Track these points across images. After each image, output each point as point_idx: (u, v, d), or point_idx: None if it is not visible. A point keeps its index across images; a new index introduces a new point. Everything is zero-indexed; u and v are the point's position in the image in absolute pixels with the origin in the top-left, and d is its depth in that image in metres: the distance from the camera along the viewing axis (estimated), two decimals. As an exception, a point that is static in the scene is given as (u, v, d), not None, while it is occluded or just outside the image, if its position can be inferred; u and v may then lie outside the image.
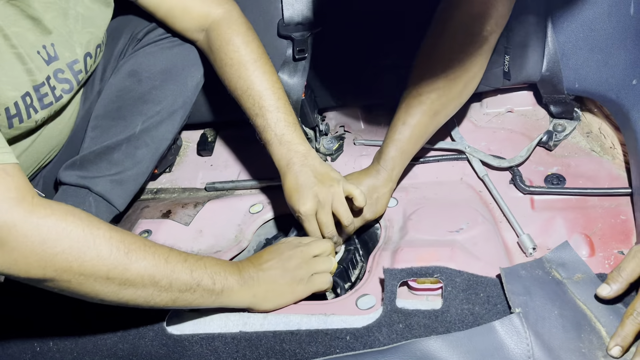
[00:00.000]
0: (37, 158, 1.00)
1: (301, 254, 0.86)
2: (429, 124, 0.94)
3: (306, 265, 0.85)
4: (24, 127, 0.87)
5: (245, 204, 1.12)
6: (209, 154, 1.31)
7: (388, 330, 0.75)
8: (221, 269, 0.79)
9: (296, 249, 0.87)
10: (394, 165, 0.95)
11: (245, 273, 0.81)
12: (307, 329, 0.79)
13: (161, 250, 0.74)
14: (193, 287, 0.75)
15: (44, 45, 0.86)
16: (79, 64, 0.92)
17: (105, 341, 0.85)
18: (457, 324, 0.74)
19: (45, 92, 0.87)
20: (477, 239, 0.89)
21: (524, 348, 0.67)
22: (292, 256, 0.86)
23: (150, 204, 1.20)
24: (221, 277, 0.78)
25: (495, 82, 1.09)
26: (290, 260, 0.85)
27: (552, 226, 0.94)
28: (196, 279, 0.75)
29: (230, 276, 0.79)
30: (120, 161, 1.02)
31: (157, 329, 0.84)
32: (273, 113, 0.94)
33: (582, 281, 0.77)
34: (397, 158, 0.95)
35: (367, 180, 0.96)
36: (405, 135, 0.93)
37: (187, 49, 1.05)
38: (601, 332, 0.70)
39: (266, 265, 0.84)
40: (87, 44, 0.93)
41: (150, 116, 1.04)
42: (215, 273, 0.77)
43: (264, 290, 0.82)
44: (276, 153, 0.94)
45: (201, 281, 0.76)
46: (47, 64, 0.87)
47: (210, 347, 0.80)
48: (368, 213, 0.95)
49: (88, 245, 0.68)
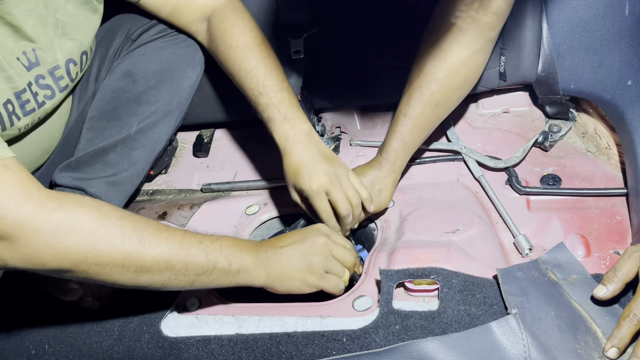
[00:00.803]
0: (27, 162, 0.99)
1: (325, 246, 0.84)
2: (430, 116, 0.94)
3: (325, 259, 0.84)
4: (7, 135, 0.86)
5: (242, 205, 1.12)
6: (205, 155, 1.31)
7: (384, 332, 0.75)
8: (237, 249, 0.78)
9: (320, 239, 0.84)
10: (397, 157, 0.96)
11: (262, 253, 0.80)
12: (303, 331, 0.79)
13: (175, 234, 0.73)
14: (210, 270, 0.75)
15: (24, 51, 0.85)
16: (60, 70, 0.91)
17: (100, 344, 0.84)
18: (454, 325, 0.74)
19: (27, 98, 0.86)
20: (473, 239, 0.89)
21: (520, 349, 0.67)
22: (314, 244, 0.84)
23: (146, 206, 1.20)
24: (237, 257, 0.77)
25: (491, 82, 1.09)
26: (311, 248, 0.83)
27: (548, 227, 0.94)
28: (212, 261, 0.75)
29: (247, 256, 0.78)
30: (116, 162, 1.02)
31: (153, 331, 0.84)
32: (277, 92, 0.94)
33: (577, 282, 0.77)
34: (400, 150, 0.95)
35: (369, 172, 0.96)
36: (407, 127, 0.94)
37: (182, 48, 1.05)
38: (597, 333, 0.70)
39: (285, 248, 0.82)
40: (69, 51, 0.92)
41: (146, 117, 1.03)
42: (231, 254, 0.77)
43: (278, 271, 0.81)
44: (279, 130, 0.92)
45: (217, 263, 0.75)
46: (28, 70, 0.85)
47: (206, 350, 0.80)
48: (371, 205, 0.95)
49: (100, 235, 0.67)
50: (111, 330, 0.85)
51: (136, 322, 0.85)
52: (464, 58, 0.90)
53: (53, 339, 0.87)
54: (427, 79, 0.91)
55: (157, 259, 0.71)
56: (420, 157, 1.11)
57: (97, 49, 1.07)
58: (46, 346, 0.87)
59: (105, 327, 0.86)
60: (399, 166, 0.97)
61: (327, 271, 0.84)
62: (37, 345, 0.87)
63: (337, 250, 0.85)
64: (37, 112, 0.89)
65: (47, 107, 0.91)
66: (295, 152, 0.90)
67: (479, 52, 0.91)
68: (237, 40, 0.98)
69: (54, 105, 0.94)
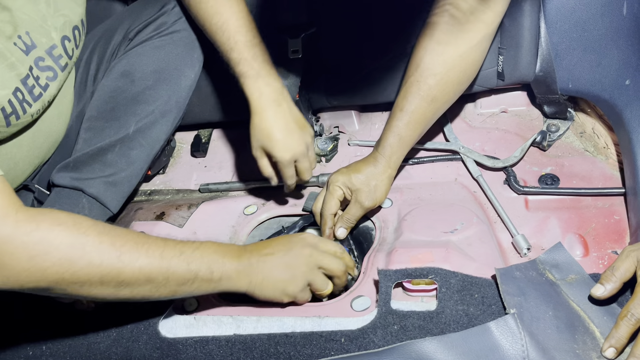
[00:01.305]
0: (39, 154, 0.98)
1: (310, 258, 0.82)
2: (426, 110, 0.93)
3: (309, 272, 0.82)
4: (22, 124, 0.86)
5: (240, 206, 1.12)
6: (202, 155, 1.31)
7: (383, 332, 0.75)
8: (219, 256, 0.77)
9: (306, 250, 0.83)
10: (392, 152, 0.94)
11: (244, 259, 0.79)
12: (301, 331, 0.79)
13: (155, 246, 0.73)
14: (191, 279, 0.74)
15: (19, 35, 0.83)
16: (57, 49, 0.90)
17: (98, 345, 0.84)
18: (452, 325, 0.74)
19: (32, 84, 0.85)
20: (471, 239, 0.89)
21: (519, 349, 0.67)
22: (299, 255, 0.82)
23: (144, 206, 1.19)
24: (219, 265, 0.76)
25: (489, 82, 1.09)
26: (295, 259, 0.82)
27: (546, 226, 0.94)
28: (193, 270, 0.74)
29: (229, 263, 0.77)
30: (114, 162, 1.02)
31: (151, 332, 0.84)
32: (250, 48, 0.93)
33: (575, 282, 0.77)
34: (395, 145, 0.94)
35: (365, 169, 0.95)
36: (403, 121, 0.93)
37: (179, 47, 1.05)
38: (595, 333, 0.70)
39: (270, 257, 0.81)
40: (62, 27, 0.90)
41: (144, 116, 1.03)
42: (213, 262, 0.76)
43: (260, 279, 0.80)
44: (251, 86, 0.93)
45: (199, 272, 0.75)
46: (26, 54, 0.84)
47: (204, 350, 0.80)
48: (367, 201, 0.94)
49: (78, 255, 0.67)
50: (109, 331, 0.85)
51: (134, 322, 0.85)
52: (462, 52, 0.90)
53: (51, 340, 0.87)
54: (425, 73, 0.91)
55: (136, 274, 0.70)
56: (419, 156, 1.10)
57: (94, 49, 1.07)
58: (44, 347, 0.86)
59: (102, 328, 0.86)
60: (395, 161, 0.95)
61: (310, 283, 0.83)
62: (35, 346, 0.87)
63: (324, 261, 0.83)
64: (44, 96, 0.88)
65: (52, 90, 0.91)
66: (267, 113, 0.92)
67: (476, 47, 0.90)
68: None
69: (58, 87, 0.93)
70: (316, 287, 0.83)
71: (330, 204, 0.95)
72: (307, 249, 0.83)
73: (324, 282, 0.83)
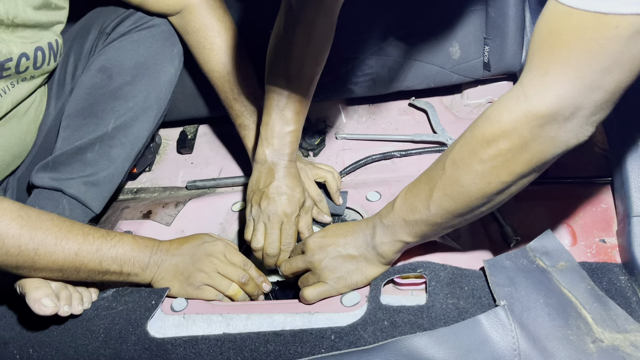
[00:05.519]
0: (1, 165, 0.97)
1: (210, 264, 0.88)
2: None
3: (206, 276, 0.87)
4: None
5: (227, 202, 1.11)
6: (189, 152, 1.29)
7: (373, 328, 0.75)
8: (131, 255, 0.85)
9: (207, 259, 0.88)
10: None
11: (154, 257, 0.87)
12: (291, 329, 0.78)
13: (73, 242, 0.80)
14: (101, 273, 0.84)
15: None
16: (11, 62, 0.88)
17: (86, 347, 0.83)
18: (442, 319, 0.73)
19: None
20: (460, 231, 0.89)
21: (509, 341, 0.67)
22: (201, 259, 0.88)
23: (130, 205, 1.18)
24: (129, 264, 0.85)
25: (475, 73, 1.08)
26: (197, 262, 0.88)
27: (534, 216, 0.94)
28: (105, 267, 0.83)
29: (138, 262, 0.86)
30: (94, 161, 1.00)
31: (139, 332, 0.82)
32: (252, 101, 0.97)
33: (566, 269, 0.77)
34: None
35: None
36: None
37: (159, 42, 1.02)
38: (587, 318, 0.70)
39: (176, 257, 0.88)
40: (22, 45, 0.90)
41: (123, 113, 1.01)
42: (124, 261, 0.84)
43: (163, 272, 0.88)
44: (252, 142, 0.97)
45: (109, 268, 0.83)
46: None
47: (193, 350, 0.79)
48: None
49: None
50: (96, 332, 0.84)
51: (122, 323, 0.84)
52: None
53: (37, 343, 0.85)
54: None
55: (50, 266, 0.79)
56: (406, 149, 1.10)
57: (72, 46, 1.04)
58: (30, 350, 0.85)
59: (90, 329, 0.84)
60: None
61: (211, 284, 0.87)
62: (21, 349, 0.85)
63: (223, 269, 0.88)
64: None
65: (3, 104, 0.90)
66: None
67: None
68: (212, 42, 0.98)
69: (12, 102, 0.92)
70: (220, 289, 0.88)
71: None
72: (208, 258, 0.88)
73: (225, 285, 0.88)
